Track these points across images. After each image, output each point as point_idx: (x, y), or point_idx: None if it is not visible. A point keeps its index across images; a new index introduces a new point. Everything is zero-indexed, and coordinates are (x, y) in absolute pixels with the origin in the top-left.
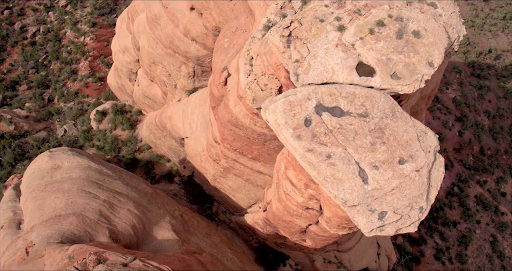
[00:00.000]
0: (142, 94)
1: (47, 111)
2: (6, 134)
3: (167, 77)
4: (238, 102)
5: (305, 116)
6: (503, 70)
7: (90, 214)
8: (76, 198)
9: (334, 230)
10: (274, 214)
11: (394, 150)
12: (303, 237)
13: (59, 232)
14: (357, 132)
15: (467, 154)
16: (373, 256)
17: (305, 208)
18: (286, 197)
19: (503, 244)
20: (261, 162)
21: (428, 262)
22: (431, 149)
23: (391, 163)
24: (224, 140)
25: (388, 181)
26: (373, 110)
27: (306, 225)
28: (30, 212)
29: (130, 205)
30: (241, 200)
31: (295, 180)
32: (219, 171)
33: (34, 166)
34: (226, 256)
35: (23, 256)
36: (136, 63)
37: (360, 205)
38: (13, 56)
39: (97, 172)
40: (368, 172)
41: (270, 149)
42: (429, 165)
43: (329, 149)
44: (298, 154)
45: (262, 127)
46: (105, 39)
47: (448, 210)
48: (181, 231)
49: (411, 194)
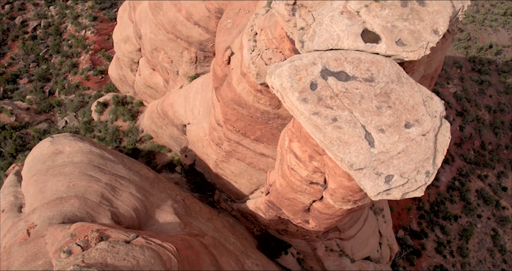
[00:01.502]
0: (143, 84)
1: (48, 103)
2: (7, 125)
3: (169, 64)
4: (241, 80)
5: (311, 80)
6: (503, 65)
7: (92, 196)
8: (77, 181)
9: (339, 204)
10: (278, 192)
11: (400, 114)
12: (306, 217)
13: (61, 213)
14: (363, 96)
15: (468, 148)
16: (375, 245)
17: (309, 183)
18: (290, 172)
19: (504, 238)
20: (264, 143)
21: (429, 255)
22: (437, 114)
23: (397, 126)
24: (227, 120)
25: (394, 144)
26: (379, 75)
27: (310, 201)
28: (32, 195)
29: (132, 188)
30: (243, 186)
31: (299, 152)
32: (221, 156)
33: (36, 152)
34: (229, 240)
35: (25, 237)
36: (138, 52)
37: (367, 168)
38: (14, 50)
39: (98, 156)
40: (374, 135)
41: (273, 128)
42: (435, 129)
43: (335, 112)
44: (304, 117)
45: (265, 104)
46: (106, 33)
47: (449, 204)
48: (183, 214)
49: (418, 158)
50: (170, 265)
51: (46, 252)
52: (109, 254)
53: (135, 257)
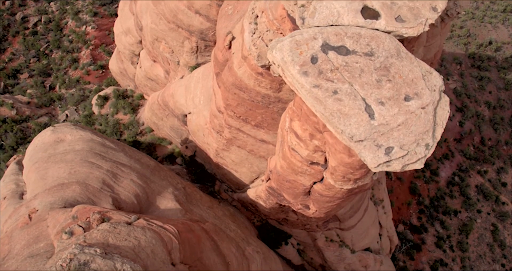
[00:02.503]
0: (144, 76)
1: (48, 97)
2: (8, 119)
3: (170, 54)
4: (242, 63)
5: (312, 54)
6: (503, 62)
7: (93, 182)
8: (79, 167)
9: (339, 184)
10: (279, 174)
11: (399, 87)
12: (306, 201)
13: (62, 198)
14: (363, 70)
15: (467, 144)
16: (375, 236)
17: (309, 163)
18: (290, 153)
19: (504, 233)
20: (264, 129)
21: (429, 250)
22: (436, 88)
23: (396, 99)
24: (228, 106)
25: (394, 116)
26: (379, 50)
27: (310, 183)
28: (33, 182)
29: (133, 175)
30: (243, 174)
31: (300, 131)
32: (222, 144)
33: (37, 140)
34: (229, 227)
35: (26, 221)
36: (139, 44)
37: (367, 140)
38: (14, 46)
39: (100, 144)
40: (374, 108)
41: (274, 112)
42: (435, 103)
43: (336, 84)
44: (305, 90)
45: (266, 88)
46: (106, 29)
47: (449, 199)
48: (184, 201)
49: (417, 131)
50: (171, 246)
51: (48, 235)
52: (111, 235)
53: (137, 237)
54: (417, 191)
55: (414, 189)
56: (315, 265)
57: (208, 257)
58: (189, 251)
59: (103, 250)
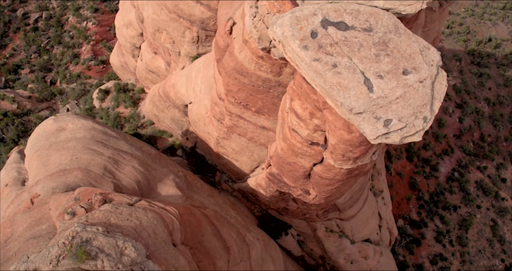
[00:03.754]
0: (145, 68)
1: (49, 92)
2: (9, 112)
3: (171, 45)
4: (243, 48)
5: (311, 29)
6: (503, 58)
7: (95, 168)
8: (80, 154)
9: (339, 164)
10: (279, 157)
11: (397, 61)
12: (306, 185)
13: (64, 184)
14: (362, 44)
15: (467, 140)
16: (375, 227)
17: (309, 143)
18: (291, 134)
19: (504, 228)
20: (265, 114)
21: (429, 244)
22: (433, 63)
23: (395, 73)
24: (229, 92)
25: (393, 90)
26: (377, 25)
27: (310, 165)
28: (35, 169)
29: (134, 162)
30: (244, 163)
31: (300, 110)
32: (222, 132)
33: (39, 130)
34: (230, 214)
35: (28, 205)
36: (140, 37)
37: (366, 112)
38: (15, 42)
39: (101, 132)
40: (373, 81)
41: (274, 96)
42: (432, 77)
43: (335, 58)
44: (305, 63)
45: (266, 72)
46: (107, 24)
47: (448, 194)
48: (184, 188)
49: (415, 104)
50: (173, 227)
51: (50, 217)
52: (113, 215)
53: (138, 217)
54: (417, 186)
55: (413, 184)
56: (315, 257)
57: (209, 240)
58: (190, 233)
59: (105, 229)
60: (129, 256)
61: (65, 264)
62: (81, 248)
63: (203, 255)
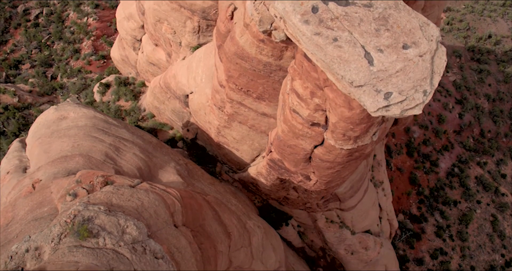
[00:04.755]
0: (146, 61)
1: (50, 86)
2: (10, 106)
3: (172, 35)
4: (244, 32)
5: (312, 5)
6: (503, 55)
7: (96, 155)
8: (82, 141)
9: (339, 143)
10: (280, 140)
11: (397, 36)
12: (307, 169)
13: (66, 169)
14: (362, 19)
15: (467, 136)
16: (375, 218)
17: (310, 124)
18: (291, 115)
19: (504, 224)
20: (265, 100)
21: (429, 239)
22: (433, 38)
23: (395, 47)
24: (230, 78)
25: (393, 63)
26: (377, 1)
27: (311, 147)
28: (36, 155)
29: (135, 149)
30: (245, 152)
31: (301, 89)
32: (223, 120)
33: (40, 119)
34: (231, 201)
35: (30, 190)
36: (141, 29)
37: (366, 85)
38: (16, 38)
39: (102, 121)
40: (373, 55)
41: (275, 81)
42: (432, 52)
43: (336, 32)
44: (306, 37)
45: (267, 55)
46: (108, 20)
47: (448, 189)
48: (185, 176)
49: (415, 77)
50: (174, 209)
51: (52, 200)
52: (114, 195)
53: (140, 198)
54: (417, 181)
55: (413, 180)
56: (316, 248)
57: (210, 225)
58: (191, 216)
59: (107, 208)
60: (130, 234)
61: (67, 242)
62: (83, 226)
63: (204, 238)
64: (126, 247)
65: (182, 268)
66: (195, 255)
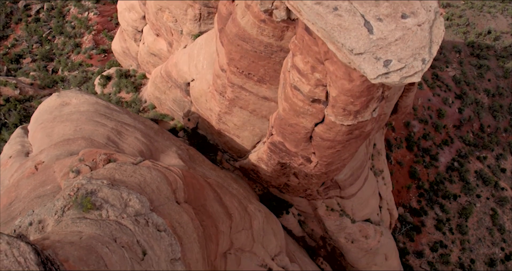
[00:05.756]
0: (147, 52)
1: (51, 79)
2: (11, 98)
3: (173, 23)
4: (245, 12)
5: None
6: (502, 51)
7: (99, 138)
8: (84, 125)
9: (340, 119)
10: (281, 119)
11: (396, 6)
12: (308, 150)
13: (68, 151)
14: None
15: (467, 130)
16: (375, 207)
17: (311, 101)
18: (292, 92)
19: (503, 218)
20: (266, 83)
21: (429, 232)
22: (431, 8)
23: (394, 16)
24: (231, 61)
25: (392, 32)
26: None
27: (312, 125)
28: (39, 140)
29: (137, 134)
30: (245, 139)
31: (301, 64)
32: (224, 106)
33: (43, 106)
34: (232, 186)
35: (33, 171)
36: (142, 20)
37: (366, 53)
38: (17, 32)
39: (104, 106)
40: (372, 23)
41: (276, 63)
42: (430, 22)
43: (336, 2)
44: (307, 7)
45: (268, 36)
46: (109, 15)
47: (448, 184)
48: (187, 160)
49: (414, 46)
50: (176, 186)
51: (55, 178)
52: (117, 171)
53: (142, 174)
54: (417, 175)
55: (413, 173)
56: (316, 238)
57: (211, 205)
58: (193, 195)
59: (110, 182)
60: (133, 207)
61: (70, 214)
62: (87, 198)
63: (206, 216)
64: (129, 219)
65: (184, 242)
66: (196, 230)
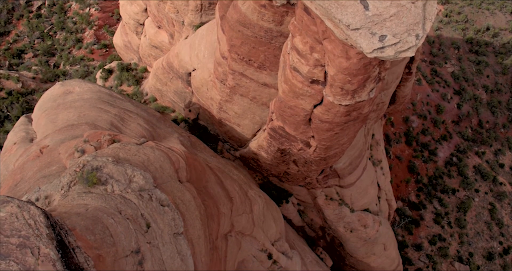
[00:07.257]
0: (148, 44)
1: (53, 73)
2: (14, 91)
3: (175, 14)
4: None
5: None
6: (501, 47)
7: (102, 123)
8: (88, 111)
9: (338, 99)
10: (281, 101)
11: None
12: (307, 133)
13: (72, 136)
14: None
15: (465, 126)
16: (374, 197)
17: (310, 82)
18: (292, 74)
19: (502, 212)
20: (267, 69)
21: (427, 226)
22: None
23: None
24: (232, 47)
25: (387, 8)
26: None
27: (311, 106)
28: (43, 126)
29: (140, 120)
30: (246, 127)
31: (301, 45)
32: (225, 94)
33: (46, 94)
34: (232, 172)
35: (38, 154)
36: (144, 13)
37: (362, 28)
38: (19, 28)
39: (107, 94)
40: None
41: (276, 48)
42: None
43: None
44: None
45: (268, 21)
46: (110, 10)
47: (447, 178)
48: (188, 146)
49: (408, 22)
50: (178, 165)
51: (60, 159)
52: (121, 150)
53: (146, 154)
54: (416, 170)
55: (412, 168)
56: (315, 228)
57: (213, 187)
58: (195, 176)
59: (115, 160)
60: (137, 183)
61: (76, 189)
62: (92, 173)
63: (207, 197)
64: (133, 194)
65: (187, 218)
66: (199, 208)
